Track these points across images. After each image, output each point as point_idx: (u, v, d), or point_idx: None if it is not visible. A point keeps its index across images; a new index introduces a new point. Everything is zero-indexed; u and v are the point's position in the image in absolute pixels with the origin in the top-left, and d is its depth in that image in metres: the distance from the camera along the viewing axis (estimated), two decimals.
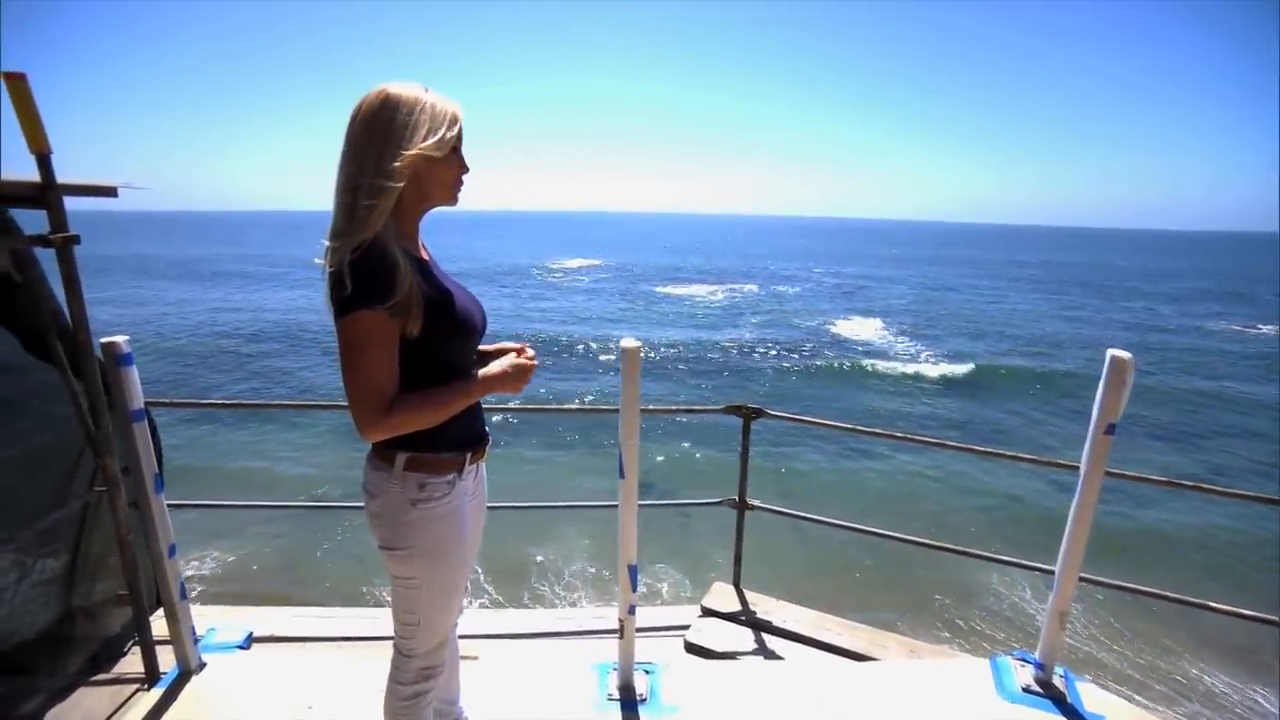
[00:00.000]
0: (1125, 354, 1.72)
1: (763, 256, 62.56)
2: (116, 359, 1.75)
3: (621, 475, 1.83)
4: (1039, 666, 2.04)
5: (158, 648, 2.12)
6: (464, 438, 1.35)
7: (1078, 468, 1.86)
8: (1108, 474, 1.84)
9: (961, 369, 16.65)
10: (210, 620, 2.35)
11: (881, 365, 16.91)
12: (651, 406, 3.22)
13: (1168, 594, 2.30)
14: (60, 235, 1.90)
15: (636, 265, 49.23)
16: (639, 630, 2.71)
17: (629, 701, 1.97)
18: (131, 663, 2.29)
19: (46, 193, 1.86)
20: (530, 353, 1.40)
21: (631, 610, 1.95)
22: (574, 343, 19.28)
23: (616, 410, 1.78)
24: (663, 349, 18.52)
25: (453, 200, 1.29)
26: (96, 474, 2.26)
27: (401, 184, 1.16)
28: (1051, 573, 1.98)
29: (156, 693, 1.95)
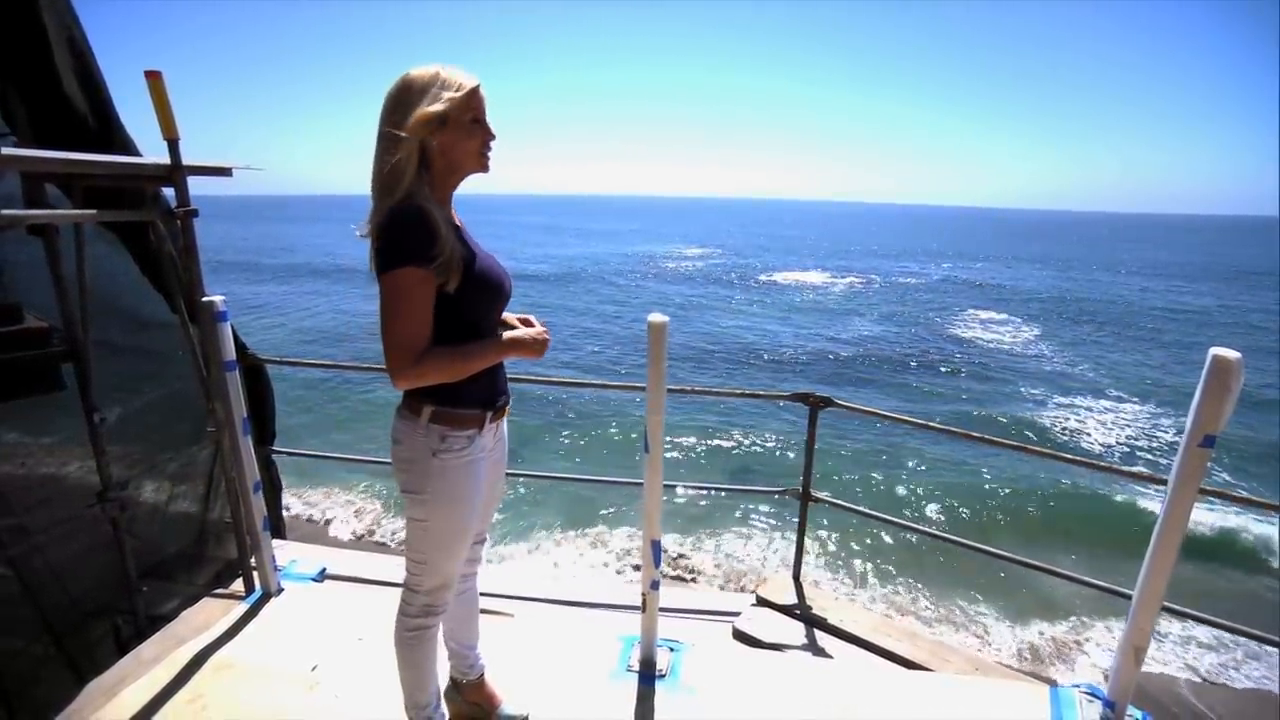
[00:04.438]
0: (1231, 353, 1.45)
1: (868, 246, 59.16)
2: (214, 315, 2.01)
3: (646, 450, 1.83)
4: (1108, 705, 1.80)
5: (254, 572, 2.44)
6: (486, 396, 1.45)
7: (1166, 481, 1.61)
8: (1202, 492, 1.57)
9: None
10: (293, 554, 2.67)
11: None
12: (716, 390, 3.18)
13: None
14: (183, 209, 2.22)
15: (745, 254, 48.43)
16: (687, 611, 2.74)
17: (647, 675, 1.99)
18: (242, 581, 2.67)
19: (174, 173, 2.18)
20: (543, 326, 1.49)
21: (654, 585, 1.95)
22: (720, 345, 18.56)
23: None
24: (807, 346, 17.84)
25: (484, 168, 1.39)
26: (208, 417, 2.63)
27: (415, 139, 1.27)
28: (1130, 598, 1.73)
29: (242, 608, 2.25)
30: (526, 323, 1.53)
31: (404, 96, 1.29)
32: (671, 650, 2.10)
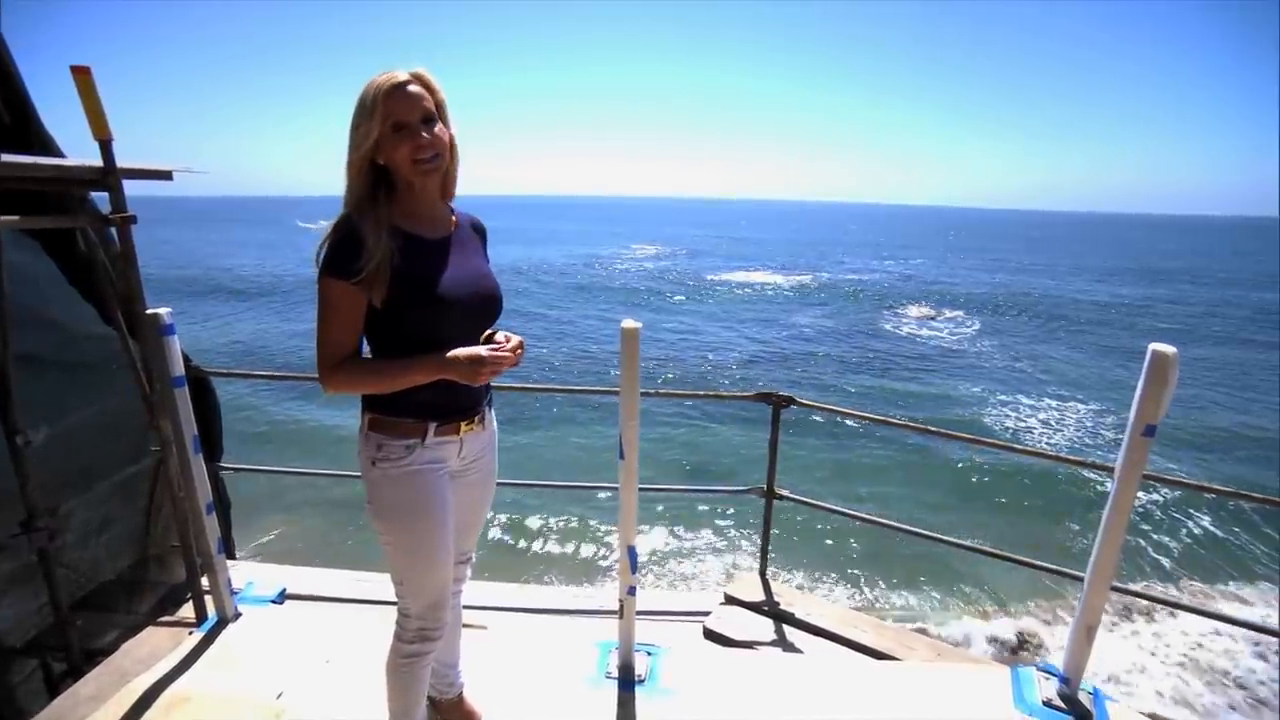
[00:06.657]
0: (1169, 349, 1.57)
1: (821, 245, 60.54)
2: (159, 329, 1.89)
3: (621, 456, 1.83)
4: (1063, 680, 1.91)
5: (206, 597, 2.30)
6: (431, 407, 1.37)
7: (1113, 469, 1.72)
8: (1145, 478, 1.69)
9: None
10: (249, 575, 2.53)
11: None
12: (680, 391, 3.20)
13: (1211, 611, 2.10)
14: (119, 215, 2.07)
15: (698, 252, 48.87)
16: (657, 613, 2.75)
17: (626, 681, 1.98)
18: (191, 608, 2.51)
19: (108, 176, 2.03)
20: (513, 342, 1.36)
21: (631, 591, 1.95)
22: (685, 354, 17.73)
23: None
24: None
25: (421, 175, 1.30)
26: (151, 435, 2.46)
27: (354, 171, 1.29)
28: (1082, 579, 1.84)
29: (197, 636, 2.12)
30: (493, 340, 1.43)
31: (353, 118, 1.28)
32: (649, 654, 2.11)
